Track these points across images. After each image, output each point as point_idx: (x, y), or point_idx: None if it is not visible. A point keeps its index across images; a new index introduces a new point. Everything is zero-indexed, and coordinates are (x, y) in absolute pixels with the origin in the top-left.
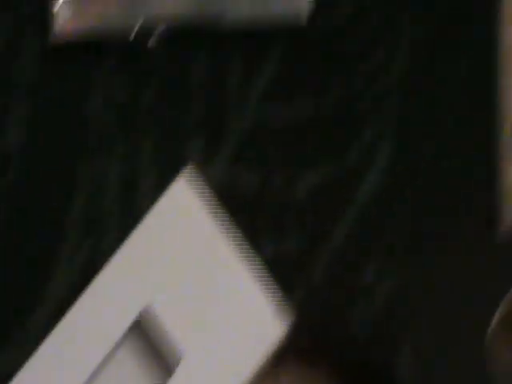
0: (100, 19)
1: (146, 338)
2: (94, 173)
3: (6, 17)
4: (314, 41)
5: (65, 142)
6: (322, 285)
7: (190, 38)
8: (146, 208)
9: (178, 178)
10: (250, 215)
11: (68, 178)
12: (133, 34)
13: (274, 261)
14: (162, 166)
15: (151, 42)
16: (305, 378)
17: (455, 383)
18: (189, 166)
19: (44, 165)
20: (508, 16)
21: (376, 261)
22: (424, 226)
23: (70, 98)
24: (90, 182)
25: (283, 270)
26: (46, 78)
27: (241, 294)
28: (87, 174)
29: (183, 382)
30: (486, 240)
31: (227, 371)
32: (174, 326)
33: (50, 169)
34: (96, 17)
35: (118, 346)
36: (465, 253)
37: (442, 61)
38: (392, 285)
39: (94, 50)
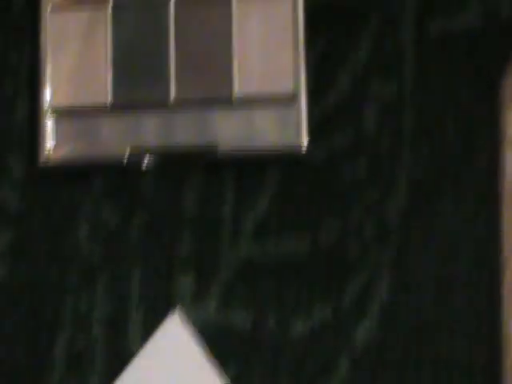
0: (89, 145)
1: None
2: (78, 309)
3: None
4: (311, 170)
5: (49, 275)
6: None
7: (181, 165)
8: (133, 350)
9: (167, 319)
10: (243, 357)
11: (51, 315)
12: (124, 160)
13: None
14: (150, 304)
15: (142, 168)
16: None
17: None
18: (178, 306)
19: (25, 300)
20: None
21: None
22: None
23: (56, 227)
24: (74, 319)
25: None
26: (31, 205)
27: None
28: (71, 311)
29: None
30: None
31: None
32: None
33: (31, 304)
34: (85, 143)
35: None
36: None
37: (441, 201)
38: None
39: (82, 175)
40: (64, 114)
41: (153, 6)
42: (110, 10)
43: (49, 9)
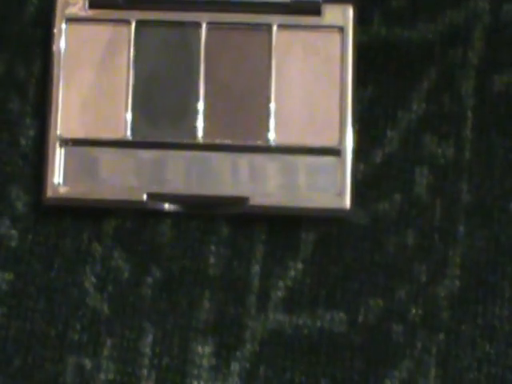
0: (101, 184)
1: None
2: (81, 370)
3: None
4: (352, 237)
5: (49, 328)
6: None
7: (206, 215)
8: None
9: None
10: None
11: (50, 374)
12: (141, 205)
13: None
14: (161, 376)
15: (161, 215)
16: None
17: None
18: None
19: (20, 354)
20: None
21: None
22: None
23: (59, 273)
24: (77, 382)
25: None
26: (32, 246)
27: None
28: (73, 371)
29: None
30: None
31: None
32: None
33: (25, 361)
34: (97, 181)
35: None
36: None
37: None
38: None
39: (92, 216)
40: (75, 146)
41: (182, 27)
42: (133, 28)
43: (64, 21)
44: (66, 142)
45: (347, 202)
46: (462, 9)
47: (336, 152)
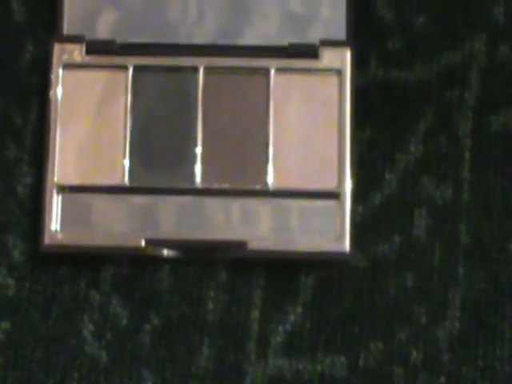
0: (99, 231)
1: None
2: None
3: None
4: (352, 280)
5: (47, 378)
6: None
7: (204, 261)
8: None
9: None
10: None
11: None
12: (139, 252)
13: None
14: None
15: (159, 261)
16: None
17: None
18: None
19: None
20: None
21: None
22: None
23: (57, 320)
24: None
25: None
26: (30, 294)
27: None
28: None
29: None
30: None
31: None
32: None
33: None
34: (94, 228)
35: None
36: None
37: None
38: None
39: (90, 264)
40: (72, 193)
41: (179, 72)
42: (130, 74)
43: (61, 67)
44: (63, 189)
45: (347, 246)
46: (459, 50)
47: (335, 195)
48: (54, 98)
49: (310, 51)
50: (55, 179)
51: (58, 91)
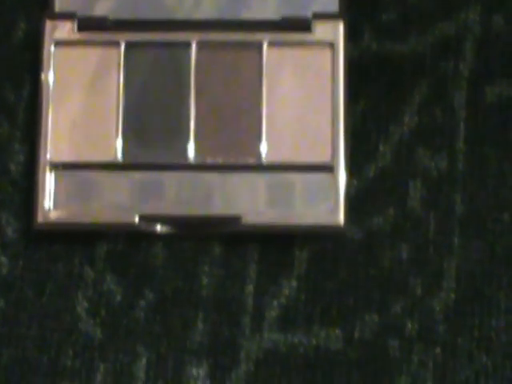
0: (93, 207)
1: None
2: None
3: None
4: (347, 253)
5: (41, 354)
6: None
7: (198, 236)
8: None
9: None
10: None
11: None
12: (133, 227)
13: None
14: None
15: (153, 237)
16: None
17: None
18: None
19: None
20: None
21: None
22: None
23: (51, 298)
24: None
25: None
26: (24, 272)
27: None
28: None
29: None
30: None
31: None
32: None
33: None
34: (88, 205)
35: None
36: None
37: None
38: None
39: (83, 240)
40: (65, 170)
41: (172, 48)
42: (122, 50)
43: (53, 44)
44: (56, 166)
45: (341, 218)
46: (453, 21)
47: (329, 168)
48: (46, 75)
49: (302, 24)
50: (48, 156)
51: (51, 68)
